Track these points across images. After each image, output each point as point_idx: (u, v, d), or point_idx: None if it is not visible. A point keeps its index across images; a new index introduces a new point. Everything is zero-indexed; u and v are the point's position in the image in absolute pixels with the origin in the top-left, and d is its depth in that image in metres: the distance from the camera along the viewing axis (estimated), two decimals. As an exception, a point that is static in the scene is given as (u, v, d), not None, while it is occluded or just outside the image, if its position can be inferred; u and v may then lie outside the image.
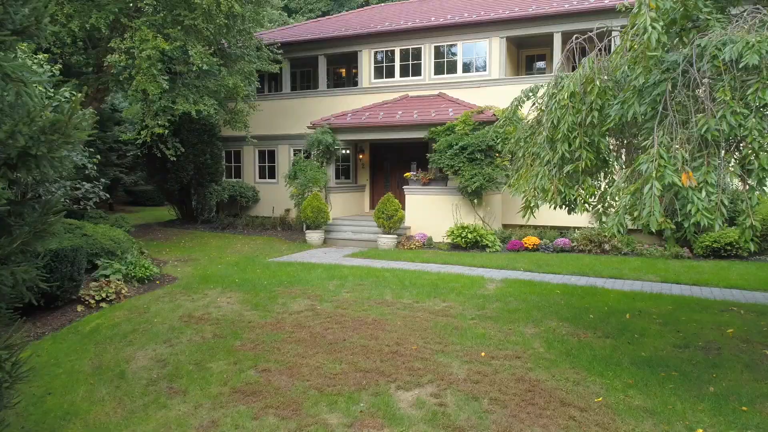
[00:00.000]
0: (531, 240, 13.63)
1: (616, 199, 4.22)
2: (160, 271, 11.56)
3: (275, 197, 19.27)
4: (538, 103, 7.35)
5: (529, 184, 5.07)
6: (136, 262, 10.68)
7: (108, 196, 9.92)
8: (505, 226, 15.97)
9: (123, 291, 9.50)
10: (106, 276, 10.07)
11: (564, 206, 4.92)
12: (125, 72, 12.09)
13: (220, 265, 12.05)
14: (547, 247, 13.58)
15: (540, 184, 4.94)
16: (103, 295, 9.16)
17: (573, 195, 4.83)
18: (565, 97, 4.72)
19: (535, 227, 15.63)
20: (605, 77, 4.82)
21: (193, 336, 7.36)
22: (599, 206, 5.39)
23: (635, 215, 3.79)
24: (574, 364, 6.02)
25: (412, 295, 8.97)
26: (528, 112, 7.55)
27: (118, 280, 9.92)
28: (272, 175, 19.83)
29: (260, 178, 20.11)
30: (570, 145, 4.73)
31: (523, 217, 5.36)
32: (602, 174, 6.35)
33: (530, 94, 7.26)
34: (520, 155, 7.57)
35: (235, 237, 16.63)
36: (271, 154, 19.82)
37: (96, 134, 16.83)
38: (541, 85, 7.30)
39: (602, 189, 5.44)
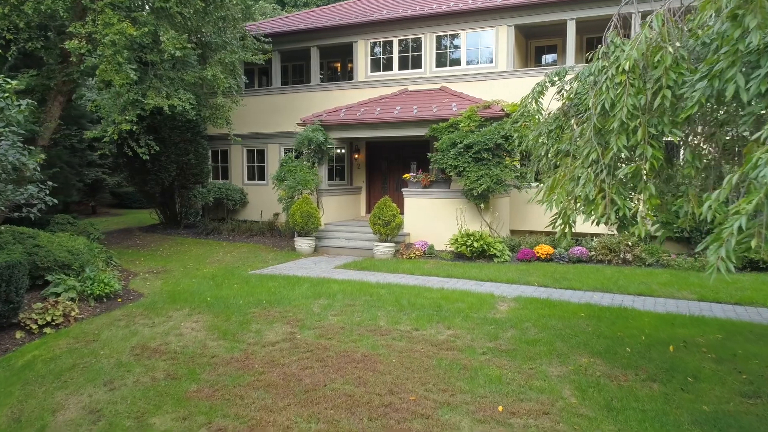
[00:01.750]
0: (544, 249, 12.24)
1: (708, 216, 2.83)
2: (125, 286, 10.21)
3: (264, 200, 17.91)
4: (566, 90, 6.00)
5: (566, 190, 3.70)
6: (96, 277, 9.32)
7: (55, 201, 8.54)
8: (512, 232, 14.62)
9: (73, 313, 8.14)
10: (57, 294, 8.72)
11: (616, 222, 3.52)
12: (87, 60, 10.70)
13: (194, 279, 10.68)
14: (562, 257, 12.20)
15: (583, 192, 3.57)
16: (48, 318, 7.79)
17: (631, 208, 3.46)
18: (624, 69, 3.35)
19: (547, 234, 14.27)
20: (677, 44, 3.44)
21: (141, 376, 6.00)
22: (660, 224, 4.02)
23: (752, 245, 2.44)
24: (620, 425, 4.64)
25: (410, 320, 7.60)
26: (549, 102, 6.20)
27: (70, 300, 8.57)
28: (262, 177, 18.47)
29: (249, 179, 18.74)
30: (628, 139, 3.36)
31: (558, 237, 3.99)
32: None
33: (555, 78, 5.91)
34: (542, 154, 6.19)
35: (219, 244, 15.26)
36: (261, 154, 18.46)
37: (64, 131, 15.24)
38: (570, 68, 5.96)
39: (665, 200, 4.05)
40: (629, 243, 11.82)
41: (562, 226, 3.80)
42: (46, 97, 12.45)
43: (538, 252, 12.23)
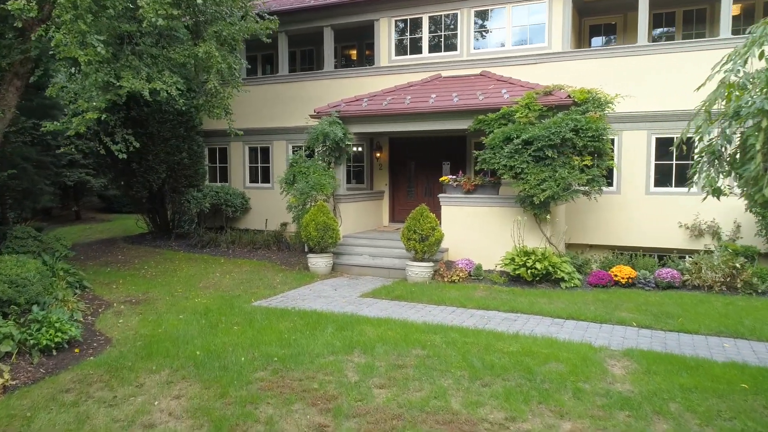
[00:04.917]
0: (624, 271, 9.73)
1: None
2: (90, 324, 7.76)
3: (269, 207, 15.41)
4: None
5: None
6: (45, 319, 6.84)
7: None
8: (568, 246, 12.16)
9: (1, 380, 5.65)
10: (-15, 348, 6.24)
11: None
12: (40, 29, 8.19)
13: (181, 315, 8.18)
14: (647, 282, 9.69)
15: None
16: (-40, 391, 5.33)
17: None
18: None
19: (611, 249, 11.82)
20: None
21: None
22: None
23: None
24: None
25: (496, 399, 5.09)
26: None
27: (3, 357, 6.09)
28: (266, 179, 15.97)
29: (251, 182, 16.24)
30: None
31: None
32: None
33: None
34: (756, 147, 3.80)
35: (216, 260, 12.76)
36: (265, 152, 15.96)
37: (25, 124, 12.53)
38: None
39: None
40: (736, 265, 9.31)
41: None
42: (-1, 82, 9.95)
43: (616, 275, 9.71)
